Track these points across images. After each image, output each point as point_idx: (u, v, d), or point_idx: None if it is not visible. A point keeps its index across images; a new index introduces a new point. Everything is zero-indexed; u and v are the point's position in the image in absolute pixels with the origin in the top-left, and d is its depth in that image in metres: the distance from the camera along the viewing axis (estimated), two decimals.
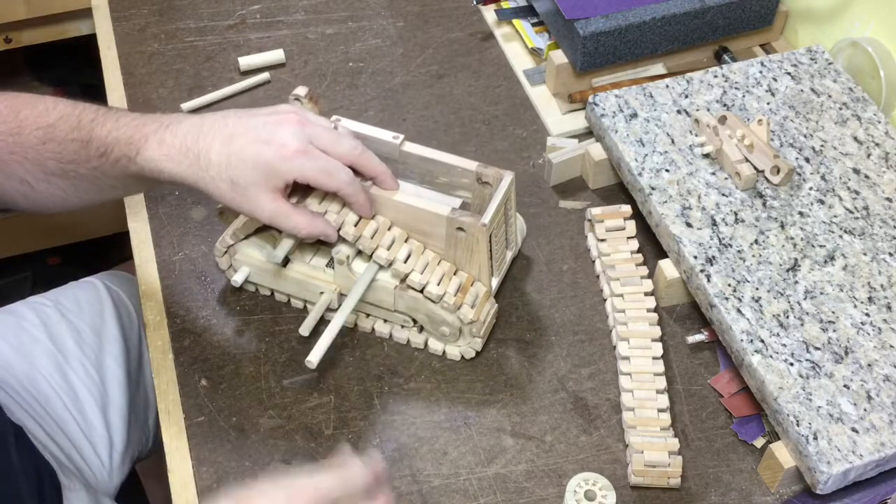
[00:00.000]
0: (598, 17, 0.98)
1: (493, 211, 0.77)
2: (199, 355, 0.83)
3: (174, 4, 1.15)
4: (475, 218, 0.77)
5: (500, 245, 0.82)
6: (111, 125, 0.77)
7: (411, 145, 0.82)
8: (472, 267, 0.80)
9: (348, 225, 0.78)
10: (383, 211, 0.80)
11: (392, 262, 0.78)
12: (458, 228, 0.77)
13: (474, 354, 0.82)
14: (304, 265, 0.83)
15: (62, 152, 0.77)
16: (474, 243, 0.78)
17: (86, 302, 1.04)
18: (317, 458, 0.77)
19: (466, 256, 0.79)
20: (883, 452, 0.71)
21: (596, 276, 0.89)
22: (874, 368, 0.76)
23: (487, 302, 0.81)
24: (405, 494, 0.75)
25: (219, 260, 0.85)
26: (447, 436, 0.78)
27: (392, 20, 1.14)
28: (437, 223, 0.78)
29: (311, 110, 0.81)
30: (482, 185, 0.81)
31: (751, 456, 0.78)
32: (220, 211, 0.87)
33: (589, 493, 0.71)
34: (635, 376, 0.79)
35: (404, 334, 0.83)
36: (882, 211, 0.86)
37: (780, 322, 0.78)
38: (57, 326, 1.00)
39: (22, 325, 0.99)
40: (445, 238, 0.78)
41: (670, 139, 0.91)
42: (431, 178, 0.83)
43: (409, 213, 0.79)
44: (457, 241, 0.78)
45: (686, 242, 0.83)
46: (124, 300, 1.07)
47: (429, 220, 0.78)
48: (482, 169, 0.80)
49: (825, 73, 0.97)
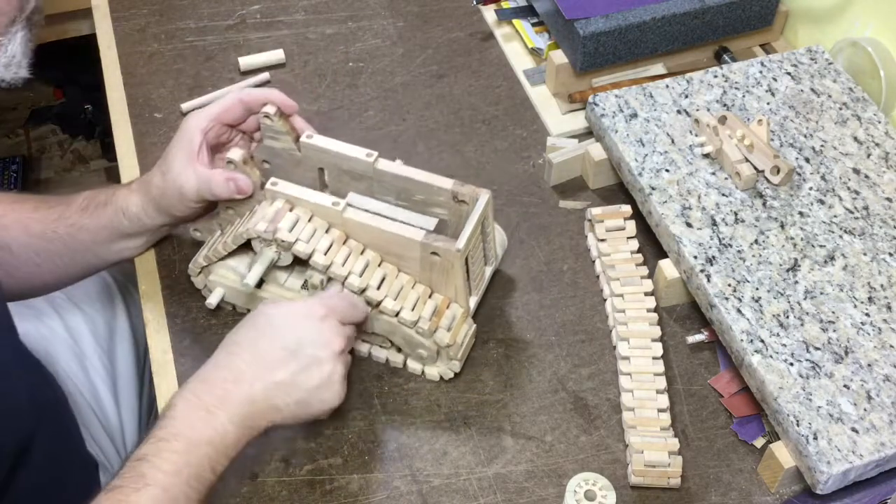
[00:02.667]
0: (598, 17, 0.98)
1: (468, 234, 0.75)
2: (199, 355, 0.83)
3: (174, 4, 1.15)
4: (449, 243, 0.75)
5: (479, 264, 0.81)
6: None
7: (385, 163, 0.80)
8: (448, 290, 0.78)
9: (318, 253, 0.76)
10: (356, 234, 0.78)
11: (364, 290, 0.76)
12: (432, 253, 0.76)
13: (453, 376, 0.81)
14: (277, 287, 0.83)
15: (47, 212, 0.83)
16: (449, 267, 0.76)
17: (96, 294, 1.05)
18: (317, 458, 0.77)
19: (442, 279, 0.78)
20: (883, 452, 0.71)
21: (596, 276, 0.89)
22: (874, 368, 0.75)
23: (465, 323, 0.79)
24: (405, 494, 0.75)
25: (194, 280, 0.85)
26: (447, 436, 0.78)
27: (392, 20, 1.14)
28: (410, 247, 0.76)
29: (281, 128, 0.80)
30: (458, 204, 0.79)
31: (751, 456, 0.78)
32: (195, 228, 0.87)
33: (589, 493, 0.71)
34: (635, 376, 0.79)
35: (383, 354, 0.82)
36: (882, 211, 0.86)
37: (780, 322, 0.78)
38: (73, 318, 1.00)
39: (40, 318, 1.00)
40: (420, 262, 0.77)
41: (670, 139, 0.91)
42: (407, 195, 0.80)
43: (382, 237, 0.77)
44: (432, 265, 0.77)
45: (686, 242, 0.83)
46: (131, 291, 1.07)
47: (402, 244, 0.77)
48: (458, 188, 0.78)
49: (825, 73, 0.97)
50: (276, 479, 0.76)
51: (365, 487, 0.75)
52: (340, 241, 0.78)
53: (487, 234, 0.81)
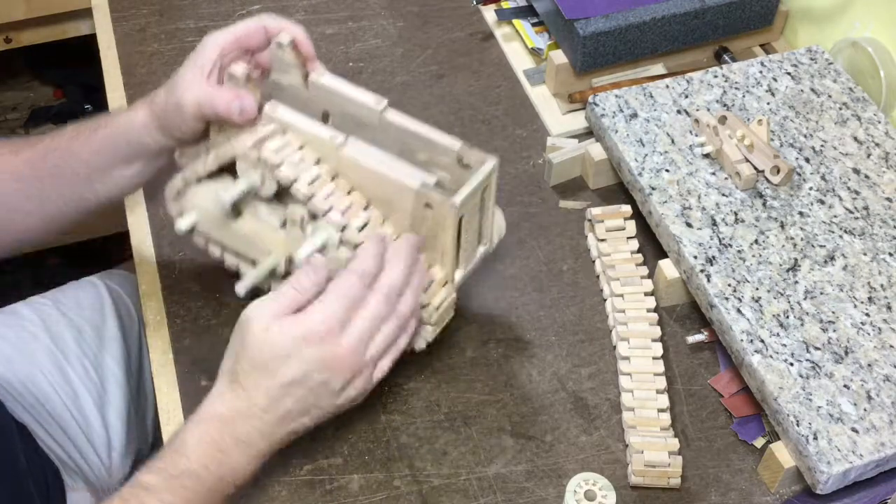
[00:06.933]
0: (598, 17, 0.98)
1: (467, 193, 0.69)
2: (199, 355, 0.83)
3: (174, 4, 1.15)
4: (446, 195, 0.69)
5: (472, 234, 0.74)
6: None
7: (395, 114, 0.74)
8: (434, 251, 0.72)
9: (302, 182, 0.70)
10: (348, 174, 0.72)
11: (345, 228, 0.70)
12: (425, 205, 0.69)
13: (425, 346, 0.75)
14: (255, 220, 0.76)
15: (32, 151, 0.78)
16: (441, 222, 0.70)
17: (86, 301, 1.04)
18: (317, 458, 0.77)
19: (430, 239, 0.71)
20: (883, 452, 0.71)
21: (596, 276, 0.89)
22: (874, 368, 0.75)
23: (443, 289, 0.73)
24: (405, 494, 0.75)
25: (169, 205, 0.79)
26: (447, 436, 0.78)
27: (392, 20, 1.14)
28: (404, 196, 0.70)
29: (291, 61, 0.75)
30: (463, 168, 0.73)
31: (751, 456, 0.78)
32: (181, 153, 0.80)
33: (589, 493, 0.71)
34: (635, 376, 0.79)
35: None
36: (882, 211, 0.86)
37: (780, 322, 0.78)
38: (57, 325, 1.00)
39: (22, 324, 0.99)
40: (411, 214, 0.70)
41: (670, 139, 0.91)
42: (410, 153, 0.74)
43: (375, 181, 0.71)
44: (422, 220, 0.70)
45: (686, 242, 0.83)
46: (125, 300, 1.07)
47: (396, 191, 0.70)
48: (465, 151, 0.72)
49: (825, 73, 0.97)
50: (276, 479, 0.76)
51: (365, 487, 0.75)
52: (328, 175, 0.72)
53: (486, 209, 0.75)
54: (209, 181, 0.76)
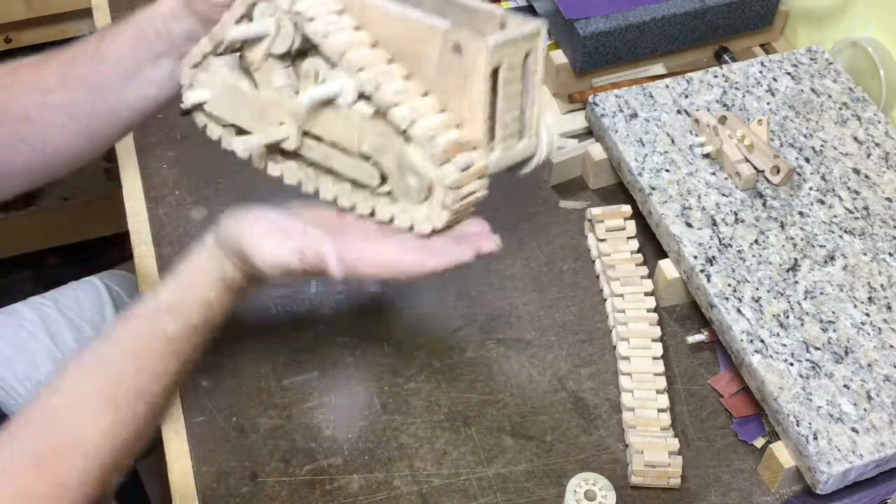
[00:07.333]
0: (598, 17, 0.98)
1: (505, 38, 0.59)
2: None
3: None
4: (479, 34, 0.58)
5: (511, 106, 0.63)
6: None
7: None
8: (461, 105, 0.61)
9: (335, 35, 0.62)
10: (372, 25, 0.64)
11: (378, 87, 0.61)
12: (454, 48, 0.59)
13: (430, 231, 0.63)
14: (269, 89, 0.68)
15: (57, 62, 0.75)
16: (470, 69, 0.59)
17: (86, 301, 1.04)
18: (317, 458, 0.77)
19: (457, 93, 0.60)
20: (883, 452, 0.71)
21: (596, 276, 0.89)
22: (874, 368, 0.76)
23: (478, 179, 0.62)
24: (405, 494, 0.75)
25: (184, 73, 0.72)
26: (447, 436, 0.78)
27: None
28: (430, 40, 0.60)
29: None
30: None
31: (751, 456, 0.78)
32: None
33: (589, 493, 0.71)
34: (635, 376, 0.79)
35: (351, 199, 0.67)
36: (882, 211, 0.86)
37: (780, 322, 0.78)
38: (57, 325, 1.00)
39: (22, 324, 0.99)
40: (437, 63, 0.61)
41: (670, 139, 0.91)
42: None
43: (397, 29, 0.62)
44: (450, 70, 0.60)
45: (686, 242, 0.83)
46: (124, 300, 1.07)
47: (420, 37, 0.61)
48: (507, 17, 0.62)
49: (825, 73, 0.97)
50: (276, 479, 0.76)
51: (365, 487, 0.75)
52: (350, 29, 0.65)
53: (530, 85, 0.63)
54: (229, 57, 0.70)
